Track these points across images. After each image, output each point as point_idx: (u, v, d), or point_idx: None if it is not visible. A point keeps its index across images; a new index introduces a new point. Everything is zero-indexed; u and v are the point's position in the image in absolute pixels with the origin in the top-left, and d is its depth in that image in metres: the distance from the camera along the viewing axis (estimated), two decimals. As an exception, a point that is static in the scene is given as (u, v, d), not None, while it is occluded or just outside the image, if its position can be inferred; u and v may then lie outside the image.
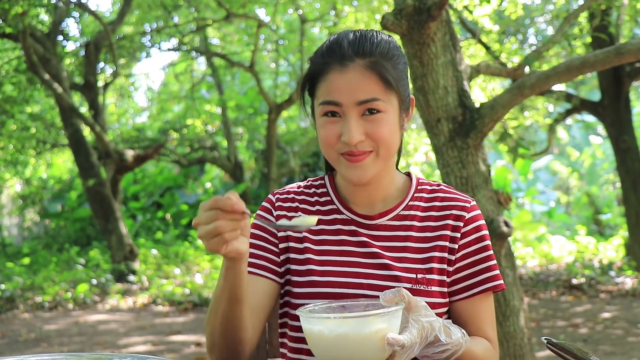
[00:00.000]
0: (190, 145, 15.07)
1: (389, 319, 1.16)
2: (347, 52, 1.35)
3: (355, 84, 1.33)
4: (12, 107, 9.91)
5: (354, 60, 1.34)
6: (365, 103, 1.33)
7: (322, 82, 1.37)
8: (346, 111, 1.34)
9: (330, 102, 1.35)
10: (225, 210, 1.13)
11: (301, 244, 1.46)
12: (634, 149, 8.48)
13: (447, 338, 1.23)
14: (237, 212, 1.14)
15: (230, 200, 1.14)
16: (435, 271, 1.40)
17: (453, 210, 1.44)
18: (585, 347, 5.31)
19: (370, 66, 1.34)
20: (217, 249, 1.16)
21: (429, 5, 3.07)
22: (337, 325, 1.14)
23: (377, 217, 1.45)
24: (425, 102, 3.26)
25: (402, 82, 1.39)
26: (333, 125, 1.36)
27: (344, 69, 1.34)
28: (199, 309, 7.95)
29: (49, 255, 12.58)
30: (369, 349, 1.15)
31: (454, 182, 3.26)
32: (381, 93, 1.34)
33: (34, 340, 6.37)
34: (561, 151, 19.16)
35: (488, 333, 1.43)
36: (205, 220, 1.14)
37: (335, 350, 1.16)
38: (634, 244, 8.62)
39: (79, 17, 11.12)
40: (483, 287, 1.42)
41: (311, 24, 12.31)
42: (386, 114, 1.35)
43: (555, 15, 8.05)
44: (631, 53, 2.83)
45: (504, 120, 7.03)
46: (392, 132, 1.36)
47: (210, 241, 1.15)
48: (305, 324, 1.19)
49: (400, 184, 1.50)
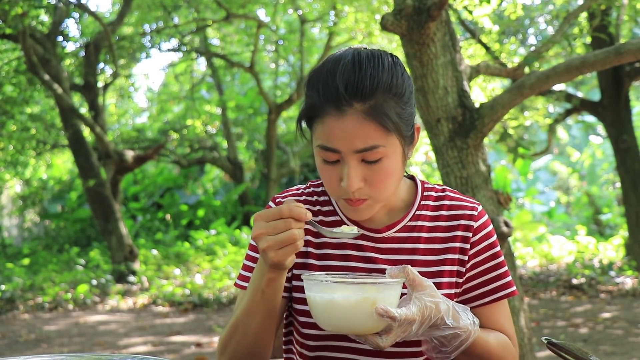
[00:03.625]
0: (190, 145, 15.07)
1: (382, 290, 1.14)
2: (344, 96, 1.23)
3: (353, 133, 1.24)
4: (12, 108, 9.92)
5: (352, 105, 1.23)
6: (364, 152, 1.25)
7: (319, 123, 1.27)
8: (345, 157, 1.26)
9: (328, 149, 1.27)
10: (299, 220, 1.13)
11: (305, 259, 1.40)
12: (634, 149, 8.48)
13: (453, 322, 1.20)
14: (307, 219, 1.13)
15: (302, 209, 1.13)
16: (445, 285, 1.37)
17: (461, 220, 1.40)
18: (585, 347, 5.31)
19: (369, 112, 1.24)
20: (285, 259, 1.14)
21: (429, 6, 3.07)
22: (328, 291, 1.14)
23: (385, 230, 1.39)
24: (425, 102, 3.26)
25: (405, 119, 1.29)
26: (333, 169, 1.29)
27: (341, 114, 1.24)
28: (199, 309, 7.95)
29: (49, 256, 12.58)
30: (359, 318, 1.14)
31: (454, 182, 3.26)
32: (381, 139, 1.25)
33: (34, 341, 6.37)
34: (561, 151, 19.16)
35: (507, 332, 1.40)
36: (274, 229, 1.12)
37: (328, 316, 1.16)
38: (634, 243, 8.62)
39: (79, 18, 11.12)
40: (496, 296, 1.40)
41: (311, 24, 12.32)
42: (388, 159, 1.28)
43: (555, 15, 8.05)
44: (631, 53, 2.83)
45: (503, 120, 7.03)
46: (392, 175, 1.30)
47: (279, 251, 1.13)
48: (305, 290, 1.19)
49: (404, 194, 1.44)
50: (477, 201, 1.47)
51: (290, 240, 1.13)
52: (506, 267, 1.42)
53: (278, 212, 1.13)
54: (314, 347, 1.38)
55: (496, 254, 1.41)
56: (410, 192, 1.45)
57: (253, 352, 1.29)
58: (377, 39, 8.78)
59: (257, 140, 16.01)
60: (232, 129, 14.92)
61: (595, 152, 15.79)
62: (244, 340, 1.27)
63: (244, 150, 16.31)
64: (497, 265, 1.41)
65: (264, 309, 1.24)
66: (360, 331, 1.16)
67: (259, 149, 15.80)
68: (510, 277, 1.42)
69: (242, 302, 1.30)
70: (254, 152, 16.10)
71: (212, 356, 5.49)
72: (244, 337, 1.27)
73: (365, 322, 1.14)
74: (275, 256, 1.13)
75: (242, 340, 1.28)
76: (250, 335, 1.26)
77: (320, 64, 1.31)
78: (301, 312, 1.37)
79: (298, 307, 1.38)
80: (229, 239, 11.97)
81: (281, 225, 1.13)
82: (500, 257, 1.42)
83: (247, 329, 1.26)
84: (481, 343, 1.29)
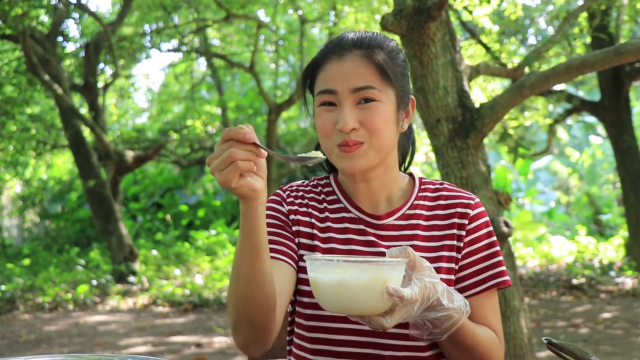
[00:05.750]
0: (190, 146, 15.07)
1: (389, 270, 1.15)
2: (346, 43, 1.38)
3: (351, 72, 1.35)
4: (12, 108, 9.91)
5: (352, 50, 1.37)
6: (360, 90, 1.35)
7: (321, 72, 1.39)
8: (341, 99, 1.36)
9: (326, 91, 1.37)
10: (238, 140, 1.13)
11: (311, 240, 1.45)
12: (634, 149, 8.48)
13: (448, 303, 1.22)
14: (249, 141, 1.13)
15: (243, 130, 1.13)
16: (444, 270, 1.40)
17: (457, 208, 1.45)
18: (585, 347, 5.31)
19: (367, 55, 1.37)
20: (229, 179, 1.13)
21: (429, 6, 3.08)
22: (338, 271, 1.15)
23: (385, 216, 1.45)
24: (425, 102, 3.26)
25: (400, 76, 1.40)
26: (329, 114, 1.37)
27: (341, 58, 1.37)
28: (199, 309, 7.95)
29: (49, 256, 12.58)
30: (368, 298, 1.15)
31: (453, 182, 3.26)
32: (377, 82, 1.36)
33: (34, 341, 6.37)
34: (561, 151, 19.16)
35: (494, 327, 1.42)
36: (219, 152, 1.13)
37: (336, 297, 1.16)
38: (634, 244, 8.62)
39: (79, 18, 11.12)
40: (490, 284, 1.42)
41: (311, 24, 12.33)
42: (381, 104, 1.36)
43: (555, 15, 8.04)
44: (631, 53, 2.83)
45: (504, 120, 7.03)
46: (386, 123, 1.36)
47: (222, 172, 1.13)
48: (309, 271, 1.19)
49: (403, 184, 1.50)
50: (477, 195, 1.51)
51: (229, 159, 1.12)
52: (501, 257, 1.44)
53: (223, 136, 1.15)
54: (312, 328, 1.40)
55: (491, 243, 1.44)
56: (408, 184, 1.51)
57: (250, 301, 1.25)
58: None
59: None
60: (232, 130, 14.91)
61: (596, 152, 15.80)
62: (238, 286, 1.25)
63: (244, 151, 16.30)
64: (492, 255, 1.43)
65: (247, 248, 1.21)
66: (367, 311, 1.17)
67: (259, 149, 15.79)
68: (504, 268, 1.43)
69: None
70: (254, 152, 16.09)
71: (212, 356, 5.49)
72: (237, 283, 1.25)
73: (374, 302, 1.15)
74: (219, 177, 1.13)
75: (237, 288, 1.26)
76: (242, 279, 1.24)
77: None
78: (307, 293, 1.41)
79: (304, 288, 1.42)
80: (229, 239, 11.97)
81: (224, 147, 1.13)
82: (496, 247, 1.44)
83: (238, 273, 1.24)
84: (470, 333, 1.31)
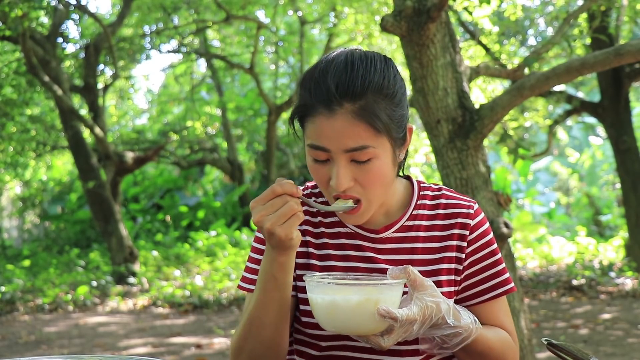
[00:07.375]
0: (190, 147, 15.09)
1: (381, 291, 1.15)
2: (335, 95, 1.23)
3: (343, 132, 1.24)
4: (12, 110, 9.93)
5: (342, 105, 1.23)
6: (354, 151, 1.25)
7: (310, 122, 1.27)
8: (334, 157, 1.26)
9: (317, 148, 1.27)
10: (293, 195, 1.15)
11: (307, 259, 1.41)
12: (634, 150, 8.48)
13: (455, 321, 1.21)
14: (297, 195, 1.16)
15: (291, 183, 1.15)
16: (444, 283, 1.38)
17: (458, 218, 1.41)
18: (585, 348, 5.31)
19: (359, 113, 1.23)
20: (291, 231, 1.15)
21: (429, 7, 3.08)
22: (329, 293, 1.15)
23: (383, 230, 1.40)
24: (424, 103, 3.26)
25: (396, 121, 1.28)
26: (322, 169, 1.29)
27: (331, 114, 1.24)
28: (199, 310, 7.95)
29: (49, 258, 12.58)
30: (360, 319, 1.14)
31: (453, 183, 3.26)
32: (371, 140, 1.25)
33: (34, 343, 6.36)
34: (561, 152, 19.16)
35: (506, 327, 1.41)
36: (273, 207, 1.14)
37: (330, 318, 1.16)
38: (634, 244, 8.62)
39: (79, 19, 11.12)
40: (494, 293, 1.41)
41: (311, 25, 12.34)
42: (377, 160, 1.27)
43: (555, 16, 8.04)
44: (630, 54, 2.83)
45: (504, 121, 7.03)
46: (383, 177, 1.30)
47: (284, 225, 1.14)
48: (307, 291, 1.20)
49: (401, 194, 1.44)
50: (474, 200, 1.48)
51: (291, 211, 1.14)
52: (503, 264, 1.43)
53: (272, 192, 1.15)
54: (323, 348, 1.38)
55: (493, 251, 1.42)
56: (406, 192, 1.45)
57: (271, 346, 1.28)
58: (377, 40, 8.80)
59: (257, 142, 16.02)
60: (232, 131, 14.93)
61: (595, 153, 15.80)
62: (260, 335, 1.26)
63: (244, 152, 16.32)
64: (495, 263, 1.42)
65: (278, 298, 1.23)
66: (362, 332, 1.17)
67: (258, 150, 15.81)
68: (507, 274, 1.43)
69: (252, 299, 1.29)
70: (254, 153, 16.11)
71: (212, 357, 5.49)
72: (260, 332, 1.26)
73: (367, 323, 1.15)
74: (281, 231, 1.14)
75: (259, 336, 1.26)
76: (267, 329, 1.25)
77: (313, 65, 1.32)
78: (306, 312, 1.38)
79: (302, 308, 1.39)
80: (229, 240, 11.97)
81: (279, 202, 1.15)
82: (498, 255, 1.43)
83: (262, 323, 1.25)
84: (482, 340, 1.30)
